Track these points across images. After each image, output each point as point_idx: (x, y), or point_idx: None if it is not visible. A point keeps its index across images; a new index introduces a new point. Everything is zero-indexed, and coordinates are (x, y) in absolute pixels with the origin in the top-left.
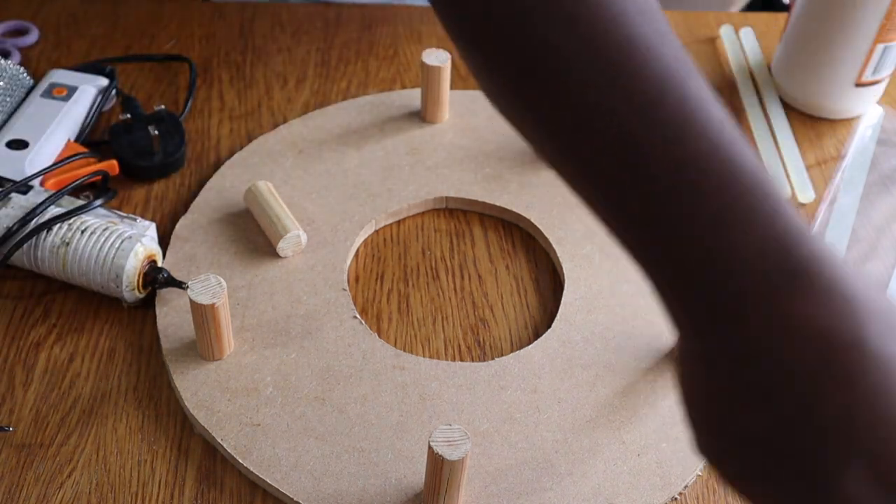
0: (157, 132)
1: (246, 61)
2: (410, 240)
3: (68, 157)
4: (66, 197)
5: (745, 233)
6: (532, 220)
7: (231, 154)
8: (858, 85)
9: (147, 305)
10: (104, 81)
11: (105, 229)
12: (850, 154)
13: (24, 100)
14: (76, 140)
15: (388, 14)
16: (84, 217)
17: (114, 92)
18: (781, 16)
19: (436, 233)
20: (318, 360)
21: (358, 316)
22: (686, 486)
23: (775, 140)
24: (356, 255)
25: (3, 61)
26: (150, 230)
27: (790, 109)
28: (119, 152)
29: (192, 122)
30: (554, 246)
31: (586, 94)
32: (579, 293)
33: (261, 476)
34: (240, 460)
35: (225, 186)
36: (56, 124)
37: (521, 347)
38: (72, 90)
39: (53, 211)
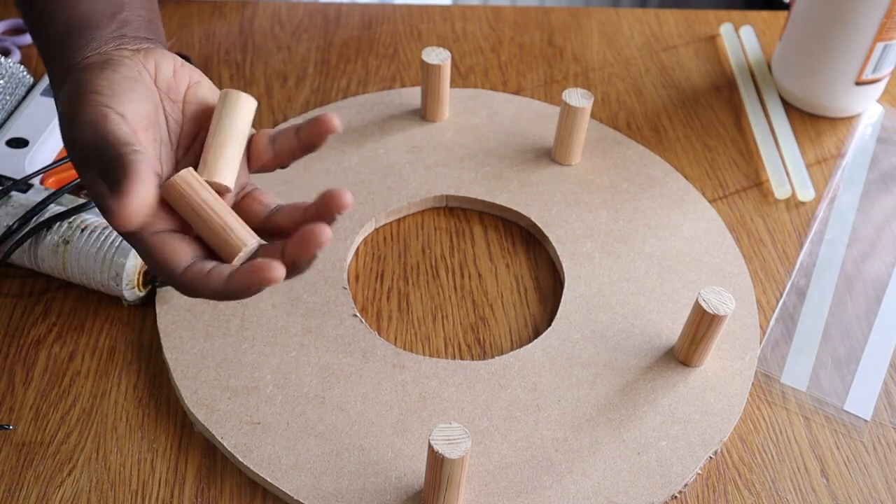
0: None
1: (246, 60)
2: (410, 238)
3: (68, 156)
4: (66, 195)
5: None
6: (532, 219)
7: None
8: (858, 83)
9: (147, 304)
10: None
11: (105, 227)
12: (850, 152)
13: (24, 98)
14: None
15: (388, 12)
16: (84, 215)
17: None
18: (781, 14)
19: (436, 231)
20: (318, 359)
21: (358, 314)
22: (686, 485)
23: (775, 138)
24: (356, 253)
25: (3, 59)
26: None
27: (790, 107)
28: None
29: None
30: (554, 244)
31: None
32: (579, 291)
33: (261, 474)
34: (240, 458)
35: None
36: (56, 123)
37: (521, 346)
38: None
39: (53, 209)
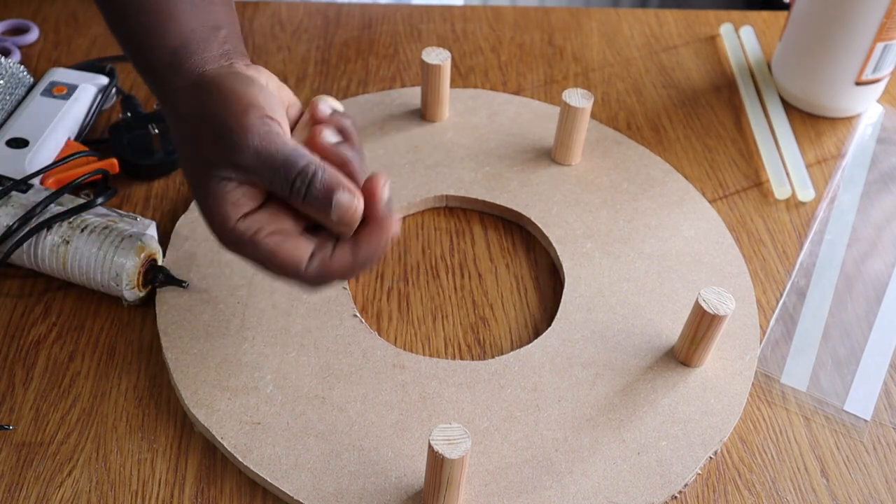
0: (157, 131)
1: None
2: (410, 238)
3: (68, 156)
4: (67, 195)
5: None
6: (532, 219)
7: None
8: (858, 83)
9: (147, 304)
10: (104, 80)
11: (105, 228)
12: (850, 152)
13: (24, 98)
14: (76, 139)
15: (388, 12)
16: (84, 215)
17: (114, 90)
18: (781, 14)
19: (436, 231)
20: (317, 359)
21: (358, 314)
22: (686, 485)
23: (775, 138)
24: None
25: (3, 60)
26: (150, 229)
27: (790, 108)
28: (119, 151)
29: None
30: (554, 244)
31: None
32: (579, 292)
33: (261, 474)
34: (240, 459)
35: None
36: (56, 123)
37: (521, 346)
38: (72, 89)
39: (53, 209)
